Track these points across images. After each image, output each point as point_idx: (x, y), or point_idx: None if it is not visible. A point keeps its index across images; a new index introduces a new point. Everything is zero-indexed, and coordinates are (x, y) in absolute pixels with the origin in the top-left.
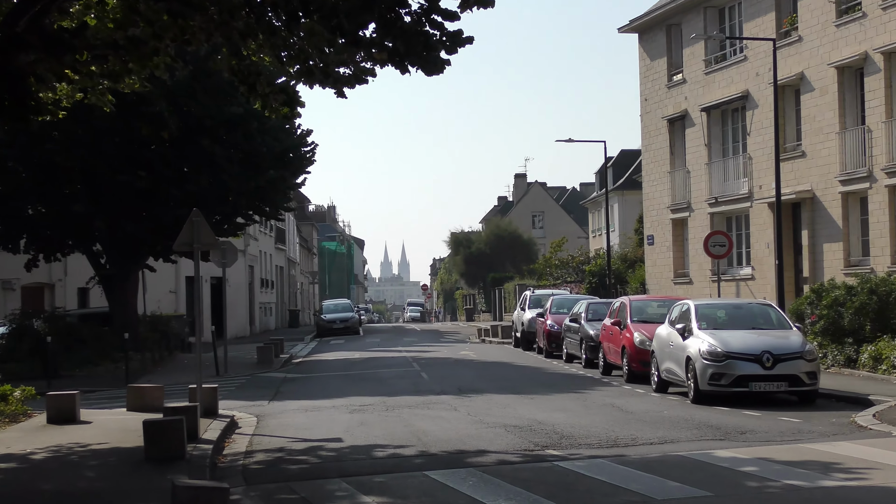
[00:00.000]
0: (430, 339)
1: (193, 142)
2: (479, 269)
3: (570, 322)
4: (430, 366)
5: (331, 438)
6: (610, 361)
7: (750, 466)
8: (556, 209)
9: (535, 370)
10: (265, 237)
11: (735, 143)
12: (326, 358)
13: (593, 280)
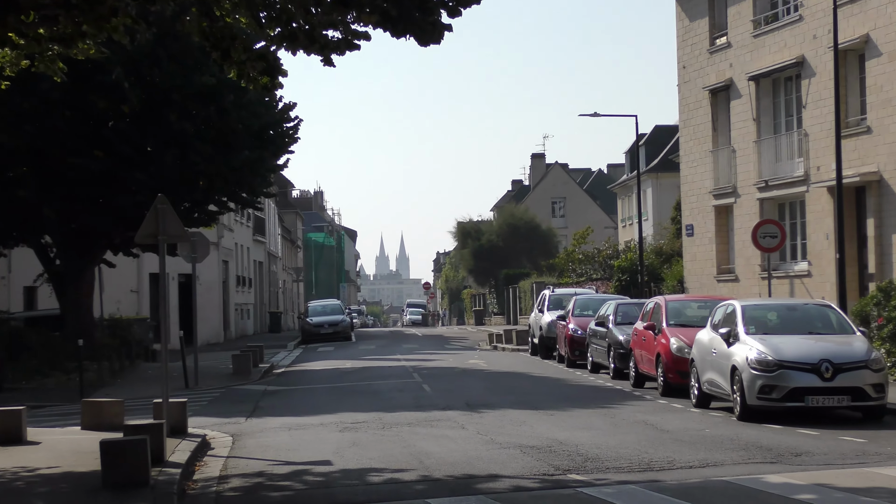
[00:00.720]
0: (434, 345)
1: (158, 117)
2: (490, 265)
3: (596, 326)
4: (433, 377)
5: (318, 461)
6: (642, 372)
7: (806, 494)
8: (579, 194)
9: (556, 382)
10: (242, 228)
11: (788, 117)
12: (313, 368)
13: (623, 277)
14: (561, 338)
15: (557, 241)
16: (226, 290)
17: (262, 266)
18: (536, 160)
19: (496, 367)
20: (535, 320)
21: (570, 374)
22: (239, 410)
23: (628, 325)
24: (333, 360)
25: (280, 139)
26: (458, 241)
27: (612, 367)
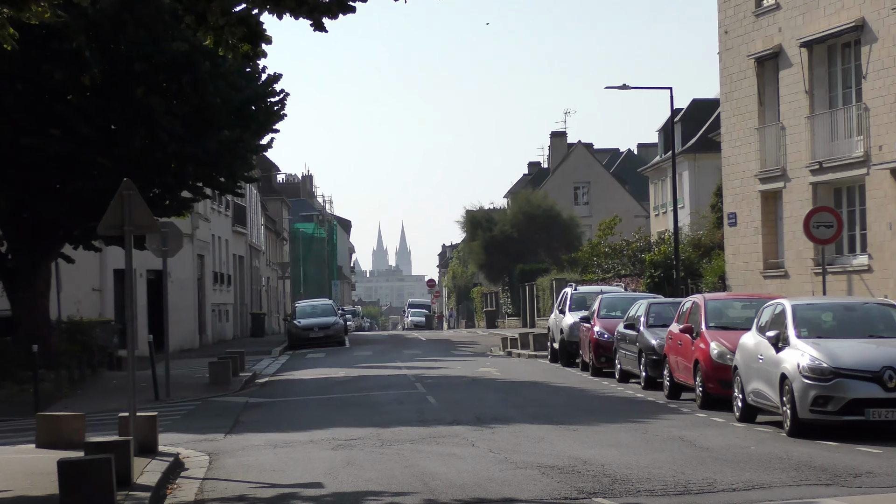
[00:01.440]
0: (439, 351)
1: (123, 91)
2: (503, 259)
3: (625, 329)
4: (438, 387)
5: (308, 483)
6: (678, 381)
7: None
8: (605, 178)
9: (579, 392)
10: (220, 217)
11: (846, 89)
12: (301, 377)
13: (655, 273)
14: (584, 342)
15: (580, 232)
16: (201, 288)
17: (243, 261)
18: (556, 139)
19: (510, 375)
20: (554, 322)
21: (596, 384)
22: (217, 426)
23: (662, 328)
24: (325, 367)
25: (263, 116)
26: (466, 232)
27: (643, 375)
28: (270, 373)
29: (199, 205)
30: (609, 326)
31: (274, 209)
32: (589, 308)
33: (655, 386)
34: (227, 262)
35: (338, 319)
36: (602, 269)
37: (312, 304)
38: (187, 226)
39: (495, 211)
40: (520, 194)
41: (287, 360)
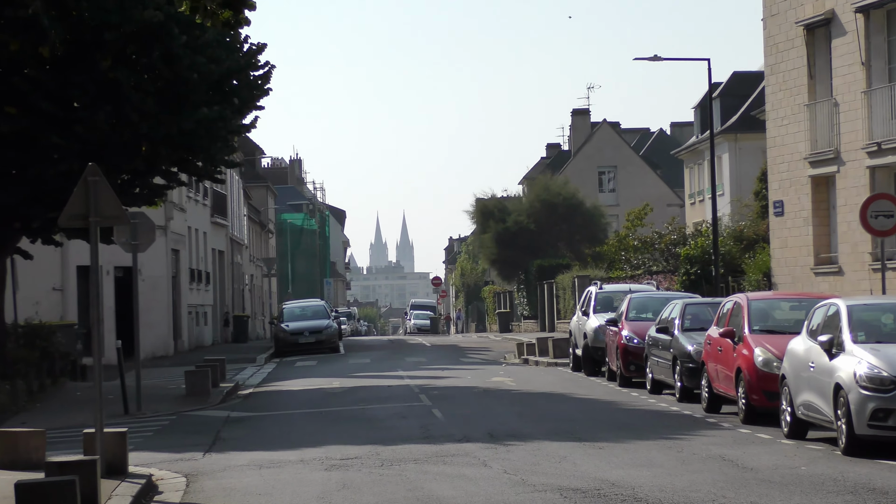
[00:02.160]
0: (446, 358)
1: (87, 63)
2: (518, 254)
3: (658, 333)
4: (445, 399)
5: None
6: (718, 391)
7: None
8: (634, 162)
9: (605, 405)
10: (197, 207)
11: None
12: (290, 388)
13: (692, 269)
14: (611, 348)
15: (606, 223)
16: (176, 287)
17: (224, 256)
18: (578, 118)
19: (527, 386)
20: (577, 326)
21: (624, 396)
22: (195, 443)
23: (699, 332)
24: (316, 377)
25: (246, 91)
26: (476, 223)
27: (677, 385)
28: (255, 383)
29: (174, 192)
30: (639, 330)
31: (258, 197)
32: (616, 309)
33: (692, 398)
34: (206, 258)
35: (331, 323)
36: (631, 264)
37: (302, 305)
38: (160, 217)
39: (509, 199)
40: (537, 180)
41: (273, 368)
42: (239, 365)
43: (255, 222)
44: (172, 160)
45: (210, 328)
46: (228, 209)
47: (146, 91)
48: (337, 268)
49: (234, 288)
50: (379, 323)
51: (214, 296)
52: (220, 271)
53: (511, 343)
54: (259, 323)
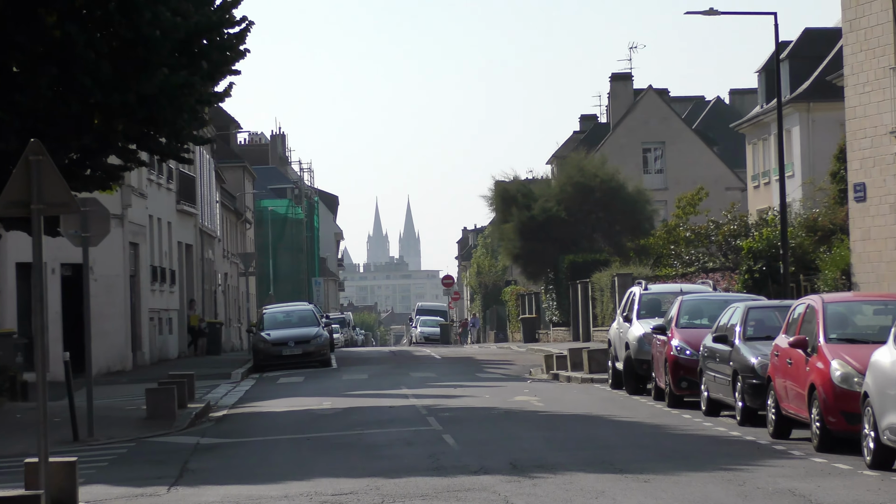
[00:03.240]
0: (460, 373)
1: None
2: (546, 247)
3: (714, 343)
4: (458, 423)
5: None
6: (787, 412)
7: None
8: (685, 137)
9: (651, 429)
10: (160, 192)
11: None
12: (272, 409)
13: (755, 266)
14: (659, 361)
15: (652, 210)
16: (135, 288)
17: (192, 251)
18: (618, 84)
19: (558, 406)
20: (617, 334)
21: (674, 418)
22: (158, 475)
23: (765, 341)
24: (303, 396)
25: (218, 52)
26: (496, 210)
27: (738, 405)
28: (229, 403)
29: (132, 175)
30: (692, 339)
31: (234, 180)
32: (664, 314)
33: (756, 420)
34: (171, 253)
35: (320, 331)
36: (682, 260)
37: (286, 309)
38: (116, 204)
39: (535, 182)
40: (569, 159)
41: (252, 386)
42: (210, 382)
43: (230, 210)
44: (130, 135)
45: (176, 337)
46: (197, 195)
47: (99, 51)
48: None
49: (205, 289)
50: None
51: (181, 298)
52: (189, 269)
53: (538, 355)
54: (235, 331)
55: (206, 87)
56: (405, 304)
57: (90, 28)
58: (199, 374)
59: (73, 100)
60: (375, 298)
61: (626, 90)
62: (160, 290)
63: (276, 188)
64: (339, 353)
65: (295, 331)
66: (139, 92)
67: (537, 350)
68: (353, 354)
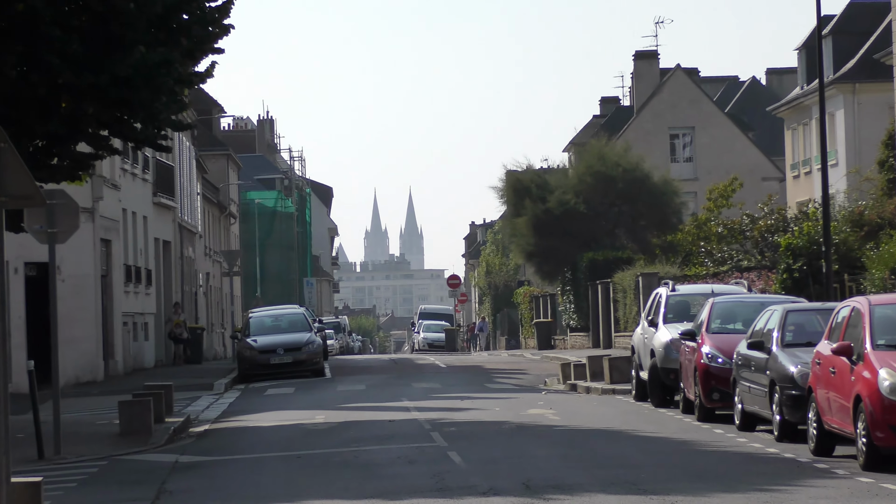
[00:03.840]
0: (467, 383)
1: None
2: (563, 244)
3: (749, 350)
4: (466, 438)
5: None
6: (830, 427)
7: None
8: (718, 121)
9: (679, 446)
10: (135, 183)
11: None
12: (259, 423)
13: (795, 265)
14: (688, 370)
15: (680, 203)
16: (107, 290)
17: (170, 248)
18: (643, 63)
19: (576, 420)
20: (641, 340)
21: (705, 433)
22: (132, 498)
23: (805, 348)
24: (294, 409)
25: (199, 28)
26: (507, 203)
27: (776, 419)
28: (212, 417)
29: (104, 164)
30: (725, 346)
31: (217, 170)
32: (694, 318)
33: (795, 435)
34: (147, 251)
35: (313, 337)
36: (713, 258)
37: (275, 313)
38: (86, 196)
39: (551, 172)
40: (588, 146)
41: (237, 398)
42: (191, 393)
43: (213, 203)
44: (102, 120)
45: (153, 344)
46: (177, 186)
47: (67, 26)
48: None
49: (185, 291)
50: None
51: (158, 301)
52: (167, 268)
53: (554, 363)
54: (218, 337)
55: (186, 67)
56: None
57: (58, 3)
58: (177, 384)
59: (39, 81)
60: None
61: (652, 70)
62: (135, 292)
63: (264, 179)
64: (334, 361)
65: (284, 337)
66: (112, 72)
67: (553, 358)
68: (349, 363)
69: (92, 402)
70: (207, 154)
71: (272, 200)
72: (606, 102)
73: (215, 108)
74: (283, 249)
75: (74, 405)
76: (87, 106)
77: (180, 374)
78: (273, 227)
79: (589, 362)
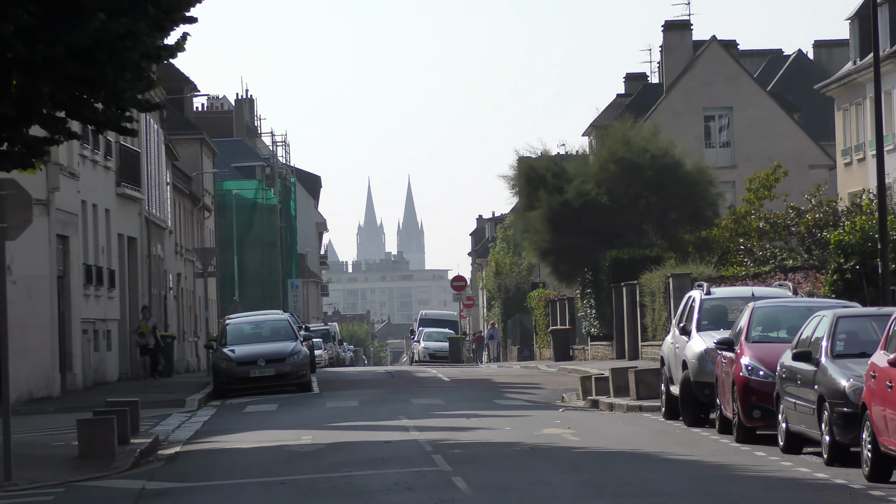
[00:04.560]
0: (474, 399)
1: None
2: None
3: (795, 361)
4: (471, 462)
5: None
6: (887, 449)
7: None
8: (758, 101)
9: (715, 471)
10: (96, 171)
11: None
12: (236, 445)
13: (846, 264)
14: (725, 384)
15: (716, 194)
16: (65, 293)
17: (136, 246)
18: (674, 35)
19: (597, 442)
20: (672, 350)
21: (744, 456)
22: None
23: (858, 359)
24: (277, 429)
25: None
26: (519, 195)
27: (825, 440)
28: (183, 438)
29: (61, 150)
30: (767, 356)
31: (189, 157)
32: (732, 325)
33: (847, 458)
34: (109, 249)
35: (298, 346)
36: (754, 256)
37: (255, 320)
38: (40, 187)
39: (569, 158)
40: (611, 129)
41: (212, 416)
42: (160, 410)
43: (184, 194)
44: (58, 99)
45: (117, 354)
46: (143, 175)
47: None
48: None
49: (153, 294)
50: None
51: (123, 306)
52: (132, 268)
53: (572, 377)
54: (190, 347)
55: (154, 39)
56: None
57: None
58: (144, 400)
59: None
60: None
61: (684, 42)
62: (96, 296)
63: (243, 166)
64: (322, 374)
65: (266, 346)
66: (69, 44)
67: (571, 370)
68: (340, 376)
69: (47, 421)
70: (178, 138)
71: (252, 191)
72: (632, 79)
73: (187, 85)
74: (265, 247)
75: (27, 424)
76: (42, 83)
77: (148, 389)
78: (253, 222)
79: (612, 375)
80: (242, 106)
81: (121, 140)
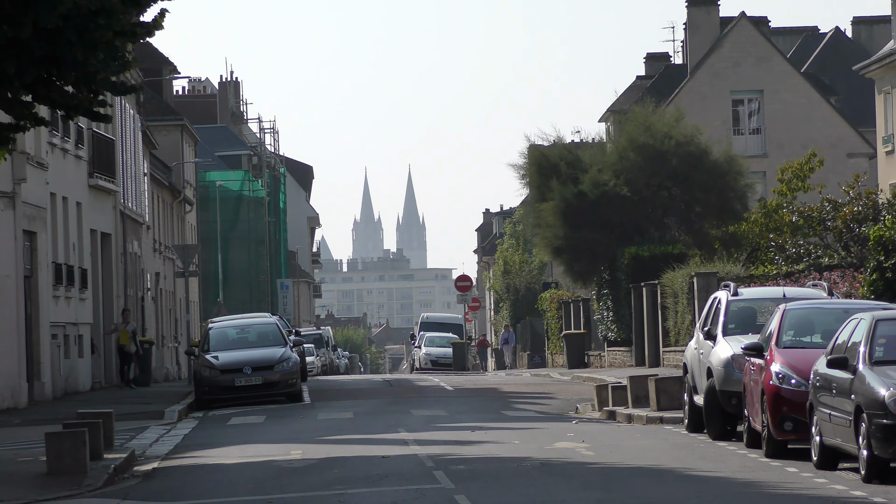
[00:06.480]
0: (480, 410)
1: None
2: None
3: (830, 368)
4: (477, 479)
5: None
6: None
7: None
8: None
9: (743, 489)
10: (66, 161)
11: None
12: (220, 460)
13: (887, 262)
14: (753, 393)
15: (746, 185)
16: (32, 294)
17: (111, 242)
18: (699, 11)
19: (614, 456)
20: (696, 357)
21: (775, 472)
22: None
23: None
24: (265, 443)
25: None
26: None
27: (863, 454)
28: (162, 453)
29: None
30: (799, 363)
31: (168, 145)
32: (762, 329)
33: (887, 475)
34: (81, 246)
35: (288, 353)
36: (786, 254)
37: (240, 323)
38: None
39: (585, 146)
40: (631, 115)
41: (193, 428)
42: (136, 423)
43: (163, 186)
44: (24, 82)
45: (89, 362)
46: (118, 165)
47: None
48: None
49: (129, 295)
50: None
51: (96, 308)
52: (106, 267)
53: (587, 386)
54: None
55: (129, 15)
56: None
57: None
58: (119, 412)
59: None
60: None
61: (710, 19)
62: (67, 297)
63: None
64: (314, 382)
65: (252, 353)
66: (36, 22)
67: (586, 378)
68: (334, 385)
69: (12, 434)
70: (157, 125)
71: (237, 183)
72: (653, 60)
73: (167, 67)
74: (252, 244)
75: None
76: (7, 65)
77: (123, 400)
78: (239, 216)
79: (631, 384)
80: (227, 89)
81: (93, 126)
